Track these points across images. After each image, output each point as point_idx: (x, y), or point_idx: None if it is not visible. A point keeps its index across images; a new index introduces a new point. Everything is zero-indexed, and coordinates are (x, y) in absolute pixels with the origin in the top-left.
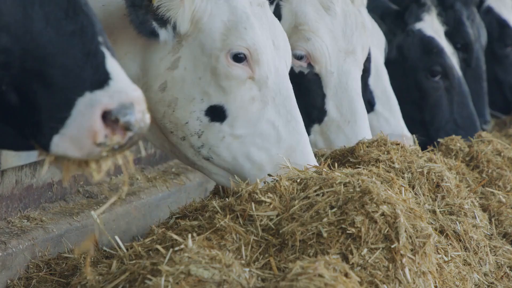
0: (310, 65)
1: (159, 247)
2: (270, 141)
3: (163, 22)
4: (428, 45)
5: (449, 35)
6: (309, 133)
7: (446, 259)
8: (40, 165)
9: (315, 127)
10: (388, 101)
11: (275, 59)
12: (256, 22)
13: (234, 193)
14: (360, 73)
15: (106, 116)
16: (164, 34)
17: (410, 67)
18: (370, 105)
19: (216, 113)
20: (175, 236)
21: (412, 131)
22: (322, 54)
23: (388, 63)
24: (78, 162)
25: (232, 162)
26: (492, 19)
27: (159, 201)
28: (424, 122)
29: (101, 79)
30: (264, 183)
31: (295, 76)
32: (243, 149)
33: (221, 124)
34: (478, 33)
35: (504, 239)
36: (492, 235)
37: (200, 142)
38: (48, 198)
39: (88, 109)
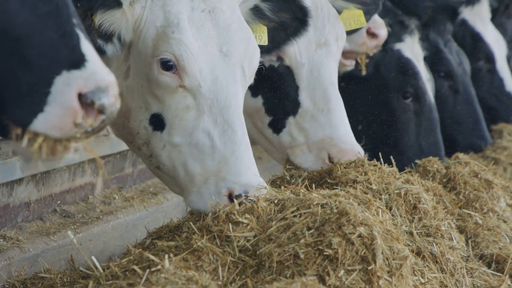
0: (280, 58)
1: (135, 267)
2: (205, 151)
3: (108, 37)
4: (404, 66)
5: (430, 65)
6: (284, 126)
7: (422, 281)
8: (17, 184)
9: (290, 120)
10: None
11: (217, 67)
12: (191, 27)
13: (211, 214)
14: (336, 64)
15: (81, 99)
16: (110, 48)
17: (384, 85)
18: None
19: (157, 122)
20: (152, 257)
21: (376, 151)
22: (290, 45)
23: (364, 78)
24: (52, 141)
25: (173, 170)
26: (465, 32)
27: (137, 221)
28: (389, 142)
29: (77, 60)
30: (241, 203)
31: (266, 71)
32: (181, 158)
33: (161, 133)
34: (459, 59)
35: (481, 261)
36: (468, 257)
37: (149, 152)
38: (24, 217)
39: (66, 87)
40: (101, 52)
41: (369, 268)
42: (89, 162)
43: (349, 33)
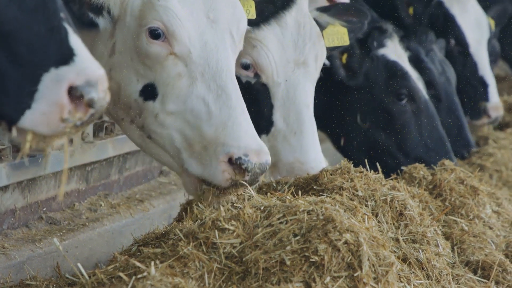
0: (257, 75)
1: (122, 274)
2: (201, 118)
3: (99, 10)
4: (392, 69)
5: None
6: None
7: (408, 287)
8: (3, 191)
9: (263, 138)
10: None
11: (205, 33)
12: None
13: (198, 221)
14: (312, 84)
15: (71, 92)
16: (102, 22)
17: (377, 92)
18: None
19: (149, 92)
20: (138, 264)
21: (381, 156)
22: (268, 63)
23: (358, 87)
24: (41, 137)
25: (167, 138)
26: (440, 13)
27: (123, 228)
28: (394, 146)
29: (66, 55)
30: (228, 210)
31: (242, 86)
32: (177, 125)
33: (154, 102)
34: (441, 67)
35: (467, 267)
36: (454, 263)
37: (141, 122)
38: (10, 224)
39: (54, 84)
40: (93, 25)
41: (355, 274)
42: (75, 169)
43: (331, 49)
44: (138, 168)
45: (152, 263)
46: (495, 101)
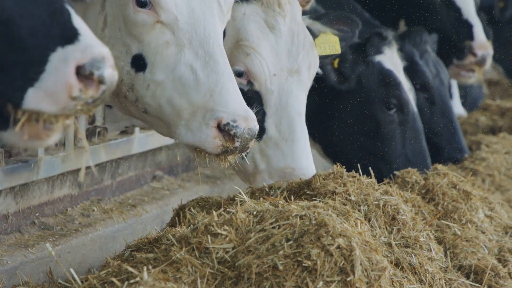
0: (250, 83)
1: (114, 279)
2: (189, 85)
3: None
4: (386, 78)
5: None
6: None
7: None
8: None
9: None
10: None
11: (192, 0)
12: None
13: (191, 226)
14: (305, 92)
15: (79, 71)
16: None
17: (367, 98)
18: None
19: (138, 63)
20: (130, 269)
21: (363, 163)
22: (261, 71)
23: (348, 92)
24: (51, 117)
25: (159, 109)
26: None
27: (116, 233)
28: (376, 154)
29: (71, 35)
30: (220, 214)
31: None
32: (166, 95)
33: (144, 73)
34: (436, 70)
35: (459, 272)
36: (447, 267)
37: (134, 96)
38: (3, 230)
39: (62, 63)
40: None
41: (348, 279)
42: (67, 174)
43: (323, 58)
44: (130, 173)
45: (145, 268)
46: (480, 39)
